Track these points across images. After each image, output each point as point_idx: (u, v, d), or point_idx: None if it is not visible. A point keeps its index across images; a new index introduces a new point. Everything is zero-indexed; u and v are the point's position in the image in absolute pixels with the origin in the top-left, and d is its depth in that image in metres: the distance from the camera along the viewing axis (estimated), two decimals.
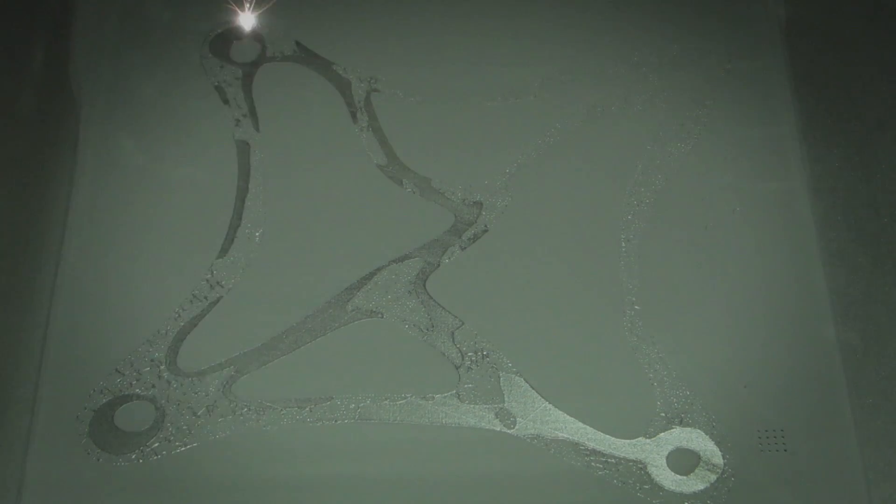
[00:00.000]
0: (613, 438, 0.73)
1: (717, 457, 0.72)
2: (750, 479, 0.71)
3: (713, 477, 0.71)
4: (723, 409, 0.73)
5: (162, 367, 0.75)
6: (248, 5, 0.87)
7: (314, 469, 0.72)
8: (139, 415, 0.73)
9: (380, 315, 0.78)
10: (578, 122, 0.85)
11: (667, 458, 0.72)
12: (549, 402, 0.74)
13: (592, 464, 0.72)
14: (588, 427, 0.73)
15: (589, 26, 0.89)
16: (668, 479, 0.71)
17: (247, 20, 0.88)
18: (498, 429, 0.73)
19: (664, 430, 0.73)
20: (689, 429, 0.73)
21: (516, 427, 0.73)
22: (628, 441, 0.73)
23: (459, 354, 0.76)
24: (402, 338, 0.77)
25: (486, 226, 0.81)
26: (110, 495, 0.71)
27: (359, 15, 0.90)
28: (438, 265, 0.80)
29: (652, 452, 0.72)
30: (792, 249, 0.79)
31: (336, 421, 0.73)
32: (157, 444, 0.72)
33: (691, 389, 0.74)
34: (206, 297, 0.77)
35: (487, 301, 0.78)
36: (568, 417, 0.73)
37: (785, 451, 0.72)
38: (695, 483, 0.71)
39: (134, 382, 0.74)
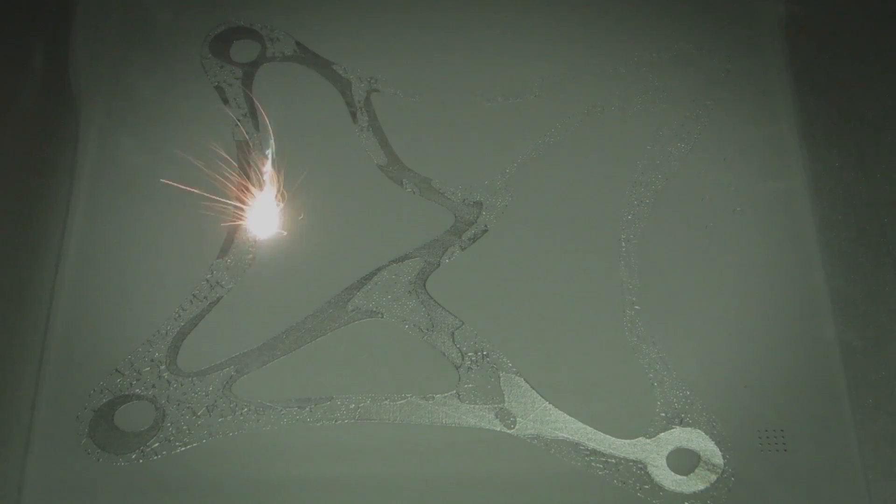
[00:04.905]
0: (613, 438, 0.73)
1: (717, 457, 0.72)
2: (750, 479, 0.71)
3: (713, 477, 0.71)
4: (723, 409, 0.73)
5: (162, 367, 0.75)
6: None
7: (314, 469, 0.72)
8: (139, 415, 0.73)
9: (380, 315, 0.78)
10: (578, 121, 0.85)
11: (667, 458, 0.72)
12: (549, 402, 0.74)
13: (592, 464, 0.72)
14: (588, 427, 0.73)
15: (589, 26, 0.89)
16: (669, 479, 0.71)
17: None
18: (498, 429, 0.73)
19: (664, 430, 0.73)
20: (689, 429, 0.73)
21: (516, 427, 0.73)
22: (628, 441, 0.73)
23: (459, 354, 0.76)
24: (402, 338, 0.77)
25: (486, 226, 0.81)
26: (110, 495, 0.71)
27: (359, 15, 0.90)
28: (438, 265, 0.80)
29: (652, 452, 0.72)
30: (792, 249, 0.79)
31: (336, 421, 0.73)
32: (157, 444, 0.72)
33: (691, 389, 0.74)
34: (206, 297, 0.78)
35: (487, 301, 0.78)
36: (568, 417, 0.73)
37: (785, 451, 0.72)
38: (695, 483, 0.71)
39: (134, 382, 0.74)
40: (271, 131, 0.82)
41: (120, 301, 0.77)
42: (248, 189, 0.80)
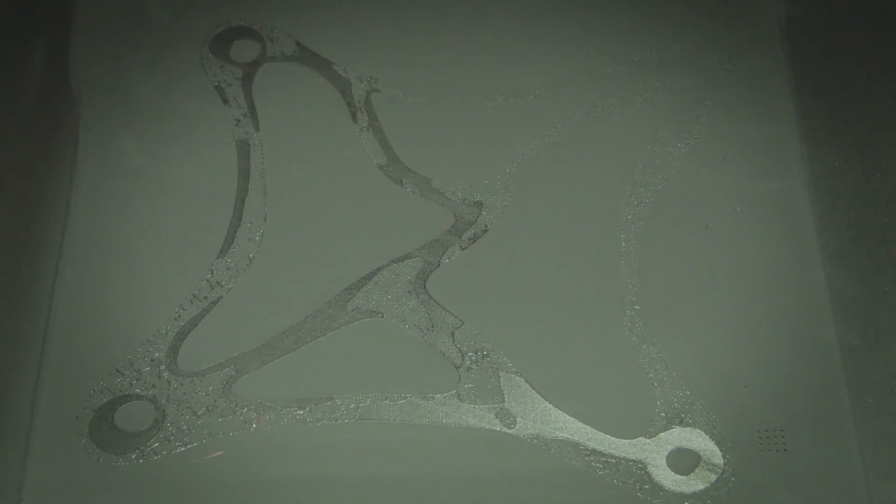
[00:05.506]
0: (613, 438, 0.73)
1: (717, 457, 0.72)
2: (750, 479, 0.71)
3: (713, 477, 0.71)
4: (723, 409, 0.73)
5: (162, 367, 0.75)
6: None
7: (314, 469, 0.72)
8: (139, 415, 0.73)
9: (380, 315, 0.78)
10: (578, 122, 0.85)
11: (667, 457, 0.72)
12: (549, 402, 0.74)
13: (592, 464, 0.72)
14: (588, 427, 0.73)
15: (589, 26, 0.89)
16: (669, 478, 0.71)
17: None
18: (498, 429, 0.73)
19: (664, 429, 0.73)
20: (689, 429, 0.73)
21: (516, 427, 0.73)
22: (628, 441, 0.73)
23: (459, 354, 0.76)
24: (402, 338, 0.77)
25: (486, 226, 0.81)
26: (110, 495, 0.71)
27: (359, 15, 0.90)
28: (438, 265, 0.80)
29: (652, 452, 0.72)
30: (792, 249, 0.79)
31: (336, 421, 0.73)
32: (157, 444, 0.72)
33: (691, 389, 0.74)
34: (206, 297, 0.78)
35: (487, 301, 0.78)
36: (568, 417, 0.73)
37: (785, 451, 0.72)
38: (695, 483, 0.71)
39: (134, 382, 0.74)
40: None
41: (120, 301, 0.77)
42: None
